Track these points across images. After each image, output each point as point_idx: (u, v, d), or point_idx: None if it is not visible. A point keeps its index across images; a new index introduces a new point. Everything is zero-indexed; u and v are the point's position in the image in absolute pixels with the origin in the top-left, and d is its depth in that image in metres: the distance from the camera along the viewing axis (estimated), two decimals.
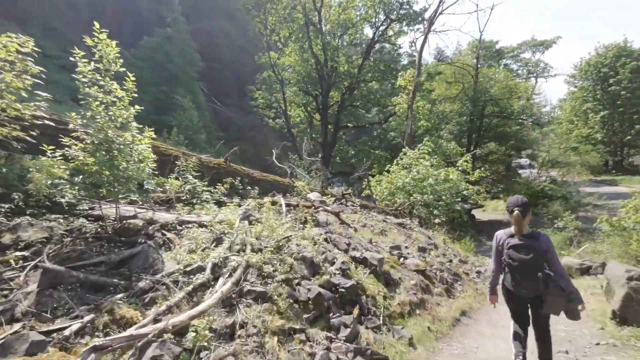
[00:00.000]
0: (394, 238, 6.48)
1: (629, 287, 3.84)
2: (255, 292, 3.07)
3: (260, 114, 33.51)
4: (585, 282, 6.06)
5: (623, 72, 35.45)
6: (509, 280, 3.01)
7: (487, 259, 10.41)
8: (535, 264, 2.84)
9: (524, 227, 2.95)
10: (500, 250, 3.08)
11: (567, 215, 14.01)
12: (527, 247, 2.88)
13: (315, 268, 3.85)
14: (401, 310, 3.89)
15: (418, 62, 18.53)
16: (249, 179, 7.15)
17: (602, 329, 4.01)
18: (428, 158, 13.20)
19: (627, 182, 30.05)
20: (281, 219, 5.29)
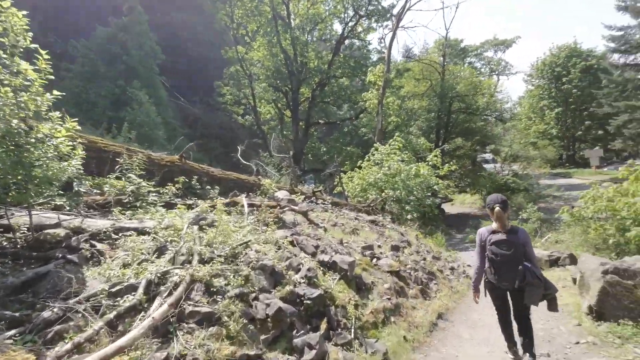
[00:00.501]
0: (366, 237, 6.12)
1: (604, 281, 3.68)
2: (199, 313, 2.52)
3: (228, 111, 32.27)
4: (555, 274, 6.03)
5: (574, 71, 37.81)
6: (492, 274, 3.15)
7: (459, 253, 10.39)
8: (515, 258, 3.02)
9: (505, 222, 3.12)
10: (483, 247, 3.21)
11: (529, 207, 14.48)
12: (508, 242, 3.05)
13: (277, 277, 3.34)
14: (375, 320, 3.48)
15: (387, 58, 18.43)
16: (209, 178, 6.48)
17: (579, 325, 3.85)
18: (399, 153, 13.06)
19: (579, 174, 32.11)
20: (242, 221, 4.73)
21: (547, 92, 40.49)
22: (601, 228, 8.70)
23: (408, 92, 25.59)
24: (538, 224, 12.33)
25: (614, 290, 3.61)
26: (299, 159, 26.92)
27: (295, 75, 26.02)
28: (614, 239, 8.34)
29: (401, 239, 6.80)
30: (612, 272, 3.70)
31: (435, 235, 11.84)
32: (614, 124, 26.66)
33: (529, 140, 35.96)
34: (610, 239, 8.43)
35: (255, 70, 28.11)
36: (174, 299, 2.47)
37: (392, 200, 12.73)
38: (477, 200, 24.97)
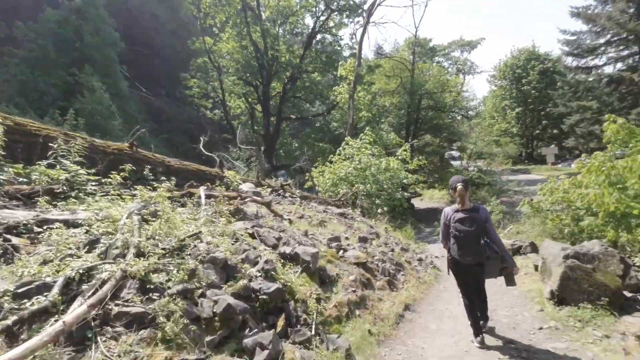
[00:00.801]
0: (333, 229, 5.89)
1: (565, 265, 3.69)
2: (129, 314, 2.13)
3: (196, 105, 30.97)
4: (517, 262, 6.11)
5: (533, 73, 40.01)
6: (456, 250, 3.26)
7: (427, 245, 10.48)
8: (477, 234, 3.17)
9: (466, 200, 3.29)
10: (447, 225, 3.37)
11: (493, 200, 15.02)
12: (470, 219, 3.20)
13: (230, 272, 3.00)
14: (338, 314, 3.24)
15: (358, 52, 18.37)
16: (164, 169, 5.96)
17: (541, 311, 3.84)
18: (369, 148, 13.00)
19: (537, 170, 34.11)
20: (198, 213, 4.33)
21: (509, 92, 42.59)
22: (557, 218, 9.09)
23: (379, 88, 25.79)
24: (501, 216, 12.77)
25: (575, 275, 3.62)
26: (270, 154, 26.36)
27: (266, 69, 25.37)
28: (569, 228, 8.72)
29: (370, 231, 6.65)
30: (572, 257, 3.72)
31: (405, 228, 11.91)
32: (568, 123, 28.48)
33: (492, 138, 37.67)
34: (565, 229, 8.82)
35: (224, 63, 27.11)
36: (96, 299, 2.06)
37: (362, 194, 12.66)
38: (445, 195, 25.70)
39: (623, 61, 25.85)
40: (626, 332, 3.03)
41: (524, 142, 42.27)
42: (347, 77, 18.09)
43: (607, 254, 3.64)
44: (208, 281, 2.71)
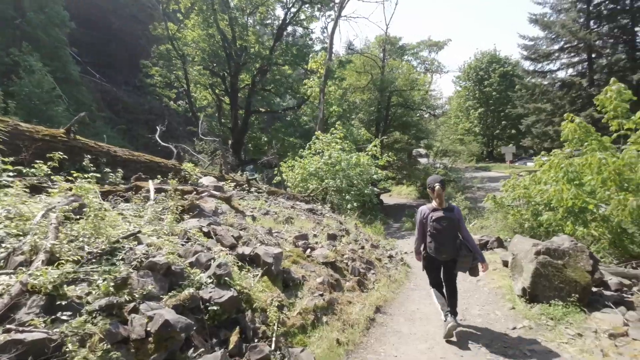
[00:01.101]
0: (301, 226, 5.51)
1: (537, 262, 3.59)
2: (23, 342, 1.62)
3: (158, 94, 29.10)
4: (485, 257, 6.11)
5: (494, 76, 42.00)
6: (432, 247, 3.37)
7: (396, 241, 10.42)
8: (452, 233, 3.34)
9: (443, 200, 3.42)
10: (424, 223, 3.45)
11: (459, 197, 15.43)
12: (446, 218, 3.33)
13: (175, 279, 2.52)
14: (303, 322, 2.87)
15: (330, 46, 18.01)
16: (110, 159, 5.24)
17: (513, 309, 3.73)
18: (340, 142, 12.75)
19: (497, 168, 35.92)
20: (145, 209, 3.76)
21: (472, 93, 44.44)
22: (518, 213, 9.37)
23: (350, 84, 25.68)
24: (466, 211, 13.07)
25: (546, 271, 3.52)
26: (238, 148, 25.38)
27: (234, 59, 24.29)
28: (528, 222, 9.01)
29: (340, 228, 6.35)
30: (544, 253, 3.62)
31: (374, 224, 11.82)
32: (525, 124, 30.17)
33: (457, 137, 39.13)
34: (525, 223, 9.10)
35: (189, 51, 25.63)
36: None
37: (332, 190, 12.40)
38: (413, 191, 26.24)
39: (574, 67, 27.76)
40: (598, 330, 2.95)
41: (485, 141, 44.40)
42: (317, 71, 17.68)
43: (577, 250, 3.58)
44: (144, 292, 2.22)
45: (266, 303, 2.76)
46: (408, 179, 26.44)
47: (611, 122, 7.34)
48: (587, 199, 6.68)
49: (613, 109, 7.24)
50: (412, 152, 29.41)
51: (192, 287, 2.48)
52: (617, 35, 25.45)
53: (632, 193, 5.71)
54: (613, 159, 5.92)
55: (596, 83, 25.41)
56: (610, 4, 25.26)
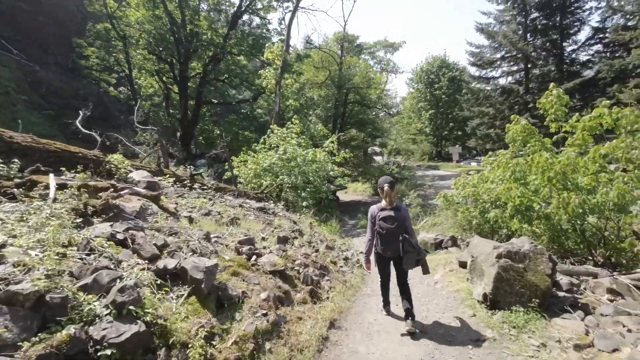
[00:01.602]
0: (248, 227, 4.86)
1: (499, 266, 3.38)
2: None
3: (95, 79, 25.97)
4: (440, 257, 5.99)
5: (443, 80, 44.29)
6: (380, 245, 3.53)
7: (353, 239, 10.16)
8: (398, 231, 3.42)
9: (392, 200, 3.54)
10: (373, 222, 3.57)
11: (412, 194, 15.72)
12: (393, 217, 3.44)
13: (51, 313, 1.79)
14: (239, 355, 2.27)
15: (287, 36, 17.26)
16: (3, 145, 4.11)
17: (474, 316, 3.49)
18: (296, 137, 12.16)
19: (445, 167, 37.97)
20: (39, 210, 2.87)
21: (424, 95, 46.47)
22: (467, 211, 9.60)
23: (307, 79, 25.14)
24: (419, 209, 13.27)
25: (507, 275, 3.32)
26: (188, 141, 23.59)
27: (184, 45, 22.42)
28: (476, 220, 9.26)
29: (292, 228, 5.80)
30: (505, 256, 3.42)
31: (330, 222, 11.47)
32: (470, 126, 32.20)
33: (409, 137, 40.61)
34: (473, 220, 9.35)
35: (132, 33, 23.14)
36: None
37: (287, 187, 11.81)
38: (368, 188, 26.55)
39: (512, 75, 30.14)
40: (561, 340, 2.76)
41: (435, 142, 46.78)
42: (274, 62, 16.86)
43: (537, 252, 3.43)
44: None
45: (189, 334, 2.12)
46: (363, 176, 26.71)
47: (551, 125, 7.67)
48: (532, 197, 6.90)
49: (554, 112, 7.54)
50: (367, 149, 29.80)
51: (77, 324, 1.77)
52: (548, 49, 28.04)
53: (573, 192, 5.93)
54: (559, 158, 6.11)
55: (531, 91, 27.81)
56: (544, 19, 27.73)
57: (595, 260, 6.63)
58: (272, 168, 12.00)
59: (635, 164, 5.87)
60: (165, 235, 3.43)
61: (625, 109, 6.19)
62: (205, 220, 4.50)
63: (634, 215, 6.07)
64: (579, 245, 6.99)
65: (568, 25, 26.77)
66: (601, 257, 6.61)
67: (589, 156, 6.15)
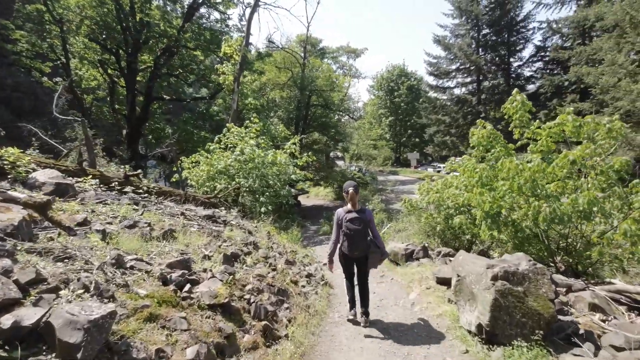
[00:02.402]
0: (188, 243, 3.83)
1: (496, 290, 2.76)
2: None
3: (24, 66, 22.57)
4: (413, 270, 5.39)
5: (402, 88, 45.64)
6: (346, 246, 3.66)
7: (314, 248, 9.37)
8: (364, 232, 3.64)
9: (356, 203, 3.74)
10: (340, 224, 3.72)
11: (375, 199, 15.37)
12: (359, 219, 3.62)
13: None
14: None
15: (247, 31, 16.13)
16: None
17: (467, 353, 2.84)
18: (254, 137, 11.13)
19: (404, 172, 38.89)
20: None
21: (384, 102, 47.51)
22: (430, 217, 9.29)
23: (269, 80, 24.09)
24: (384, 215, 12.86)
25: (506, 302, 2.71)
26: (135, 139, 21.30)
27: (133, 35, 20.24)
28: (440, 226, 8.96)
29: (246, 240, 4.83)
30: (502, 278, 2.82)
31: (291, 229, 10.58)
32: (428, 133, 33.32)
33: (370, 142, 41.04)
34: (437, 226, 9.05)
35: (71, 17, 20.44)
36: None
37: (245, 190, 10.72)
38: (330, 192, 26.03)
39: (466, 86, 31.69)
40: None
41: (394, 147, 47.94)
42: (232, 57, 15.63)
43: (537, 272, 2.88)
44: None
45: None
46: (325, 181, 26.16)
47: (515, 131, 7.54)
48: (501, 203, 6.63)
49: (518, 118, 7.38)
50: (329, 153, 29.37)
51: None
52: (497, 63, 29.89)
53: (543, 199, 5.69)
54: (528, 165, 5.85)
55: (483, 102, 29.38)
56: (493, 35, 29.52)
57: (557, 267, 6.50)
58: (228, 170, 10.84)
59: (596, 170, 5.78)
60: (51, 261, 2.34)
61: (587, 117, 6.13)
62: (127, 236, 3.41)
63: (596, 222, 5.98)
64: (543, 253, 6.85)
65: (514, 43, 28.71)
66: (563, 264, 6.49)
67: (556, 162, 5.95)
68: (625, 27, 16.83)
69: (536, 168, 5.78)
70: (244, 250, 4.31)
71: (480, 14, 28.48)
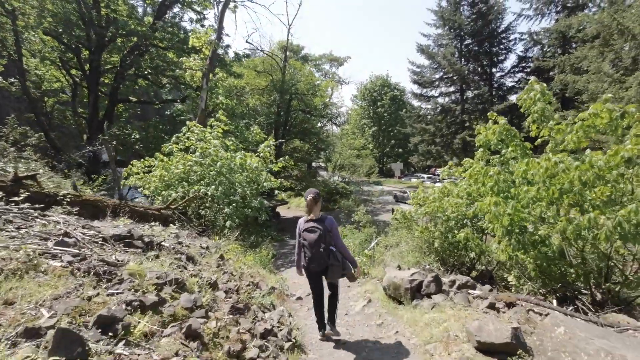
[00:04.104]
0: (13, 298, 1.92)
1: None
2: None
3: None
4: (425, 315, 3.56)
5: (385, 98, 44.95)
6: (304, 259, 3.38)
7: (288, 273, 7.48)
8: (320, 242, 3.25)
9: (314, 211, 3.38)
10: (299, 234, 3.43)
11: (360, 210, 13.66)
12: (315, 228, 3.30)
13: None
14: None
15: (219, 22, 14.38)
16: None
17: None
18: (220, 137, 9.25)
19: (387, 182, 37.65)
20: None
21: (367, 112, 46.62)
22: (426, 231, 7.64)
23: (248, 83, 22.33)
24: (372, 228, 11.09)
25: None
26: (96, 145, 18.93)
27: (96, 31, 18.11)
28: (439, 241, 7.31)
29: (165, 279, 2.91)
30: None
31: (262, 247, 8.64)
32: (413, 142, 32.27)
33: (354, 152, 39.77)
34: (436, 242, 7.38)
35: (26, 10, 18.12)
36: None
37: (208, 201, 8.77)
38: None
39: (449, 96, 31.03)
40: None
41: (378, 157, 46.89)
42: (201, 50, 13.80)
43: None
44: None
45: None
46: None
47: (532, 127, 6.02)
48: (524, 215, 5.02)
49: (538, 111, 5.84)
50: (311, 162, 27.68)
51: None
52: (480, 73, 29.44)
53: (599, 210, 4.10)
54: (575, 163, 4.26)
55: (467, 111, 28.67)
56: (476, 45, 29.13)
57: (593, 296, 4.93)
58: (189, 176, 8.88)
59: None
60: None
61: (628, 105, 4.63)
62: None
63: None
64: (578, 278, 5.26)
65: (497, 53, 28.37)
66: (602, 294, 4.92)
67: (604, 160, 4.36)
68: (613, 34, 16.28)
69: (585, 167, 4.20)
70: (147, 301, 2.39)
71: (462, 24, 28.05)
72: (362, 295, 5.19)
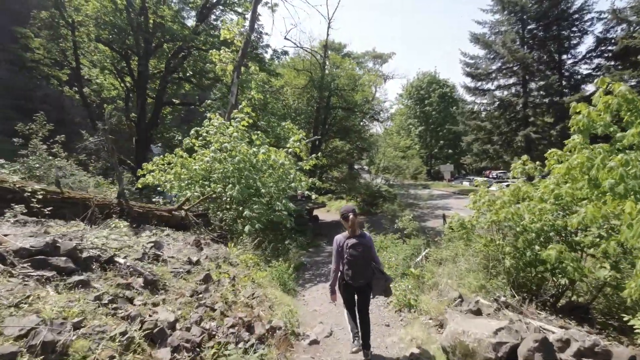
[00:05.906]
0: None
1: None
2: None
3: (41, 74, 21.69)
4: None
5: (433, 96, 41.53)
6: (350, 275, 3.32)
7: (316, 290, 5.94)
8: (367, 258, 3.33)
9: (357, 228, 3.36)
10: (340, 252, 3.37)
11: (406, 215, 11.67)
12: (360, 244, 3.30)
13: None
14: None
15: (252, 13, 13.49)
16: None
17: None
18: (242, 129, 8.10)
19: (436, 186, 34.40)
20: None
21: (413, 112, 43.52)
22: (492, 243, 5.57)
23: (288, 83, 21.45)
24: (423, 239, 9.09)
25: None
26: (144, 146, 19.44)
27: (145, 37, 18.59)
28: (510, 259, 5.21)
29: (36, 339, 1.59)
30: None
31: (285, 257, 7.22)
32: (465, 142, 28.89)
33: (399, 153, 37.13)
34: (506, 260, 5.28)
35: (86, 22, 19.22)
36: None
37: (226, 202, 7.65)
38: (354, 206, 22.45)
39: (509, 89, 27.16)
40: None
41: (424, 159, 43.48)
42: (233, 43, 13.01)
43: None
44: None
45: None
46: (348, 193, 22.67)
47: None
48: None
49: None
50: (353, 164, 25.92)
51: None
52: (546, 61, 25.29)
53: None
54: None
55: (530, 105, 24.78)
56: (541, 30, 25.12)
57: None
58: (210, 174, 7.85)
59: None
60: None
61: None
62: None
63: None
64: None
65: (567, 37, 24.09)
66: None
67: None
68: None
69: None
70: None
71: (525, 7, 24.31)
72: (406, 345, 3.50)
